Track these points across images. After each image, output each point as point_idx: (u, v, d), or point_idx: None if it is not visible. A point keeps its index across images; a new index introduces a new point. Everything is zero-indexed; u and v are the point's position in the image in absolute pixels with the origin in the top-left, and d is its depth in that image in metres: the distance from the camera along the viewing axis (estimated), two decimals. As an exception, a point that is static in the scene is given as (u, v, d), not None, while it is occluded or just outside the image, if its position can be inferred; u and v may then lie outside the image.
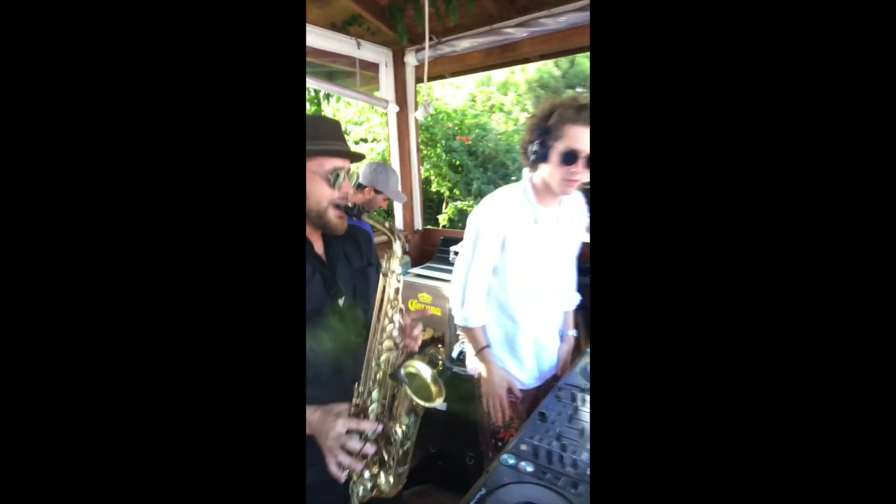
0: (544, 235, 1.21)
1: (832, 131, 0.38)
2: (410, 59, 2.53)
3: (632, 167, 0.43)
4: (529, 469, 0.82)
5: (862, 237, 0.37)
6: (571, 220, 1.29)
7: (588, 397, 1.05)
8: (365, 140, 4.50)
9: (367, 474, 0.78)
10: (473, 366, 1.33)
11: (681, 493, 0.40)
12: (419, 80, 2.63)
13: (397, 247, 0.81)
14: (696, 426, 0.40)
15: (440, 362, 0.75)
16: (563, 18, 1.95)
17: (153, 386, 0.43)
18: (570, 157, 1.06)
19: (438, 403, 0.74)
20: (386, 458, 0.79)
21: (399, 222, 2.83)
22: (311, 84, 2.68)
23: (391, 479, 0.80)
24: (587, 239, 1.38)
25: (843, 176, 0.37)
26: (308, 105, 3.45)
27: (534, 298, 1.26)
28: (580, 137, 1.05)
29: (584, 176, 1.08)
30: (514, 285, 1.24)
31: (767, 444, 0.38)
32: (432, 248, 2.71)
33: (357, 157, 0.90)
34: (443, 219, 4.48)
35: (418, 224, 2.87)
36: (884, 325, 0.36)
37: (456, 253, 2.15)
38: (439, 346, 0.82)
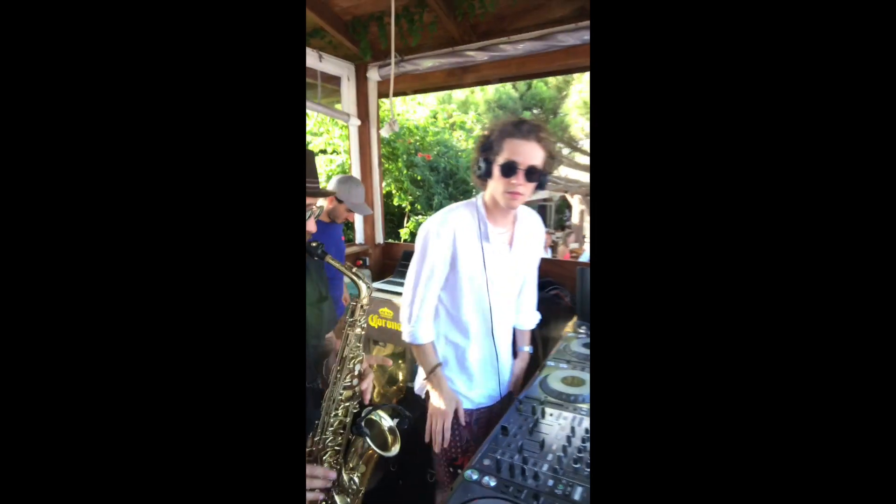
0: (496, 252, 1.22)
1: (833, 131, 0.38)
2: (373, 75, 2.55)
3: (631, 168, 0.43)
4: (492, 483, 0.83)
5: (862, 237, 0.37)
6: (528, 238, 1.31)
7: (546, 409, 1.08)
8: (325, 151, 4.44)
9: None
10: (420, 385, 1.31)
11: (680, 493, 0.40)
12: (381, 95, 2.66)
13: (364, 294, 0.80)
14: (696, 427, 0.40)
15: (404, 415, 0.78)
16: (521, 46, 2.04)
17: (153, 386, 0.43)
18: (508, 169, 1.08)
19: (394, 452, 0.76)
20: (342, 488, 0.78)
21: (360, 236, 2.81)
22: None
23: (347, 501, 0.79)
24: (546, 255, 1.42)
25: (843, 176, 0.37)
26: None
27: (484, 315, 1.26)
28: (518, 150, 1.08)
29: (525, 189, 1.10)
30: (465, 301, 1.24)
31: (766, 447, 0.38)
32: (393, 263, 2.71)
33: (325, 194, 0.87)
34: (404, 233, 4.48)
35: (380, 238, 2.85)
36: (883, 325, 0.36)
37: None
38: (399, 361, 0.83)
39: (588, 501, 0.77)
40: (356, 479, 0.78)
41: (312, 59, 2.34)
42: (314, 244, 0.83)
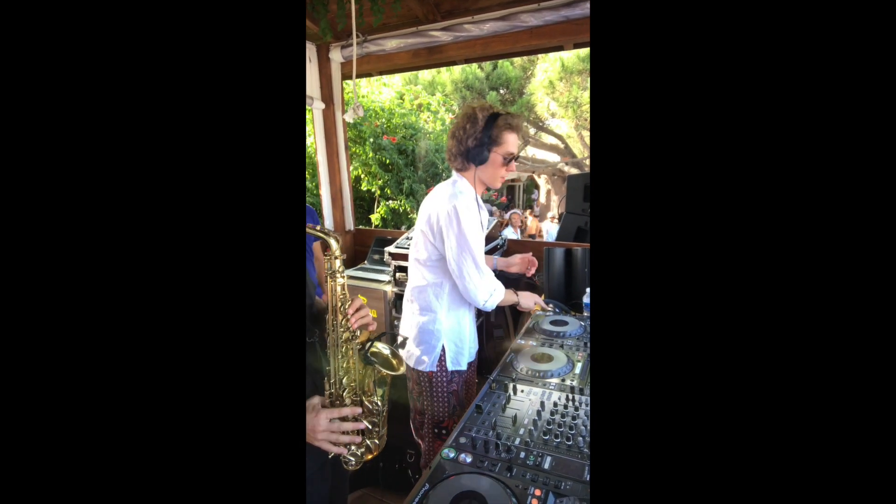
0: (486, 225, 1.44)
1: (833, 130, 0.38)
2: (336, 56, 2.47)
3: (631, 168, 0.43)
4: (468, 460, 0.87)
5: (861, 237, 0.37)
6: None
7: (518, 386, 1.13)
8: (288, 137, 4.29)
9: (353, 447, 0.88)
10: (527, 304, 1.52)
11: (679, 492, 0.40)
12: (345, 76, 2.58)
13: (335, 246, 0.86)
14: (696, 426, 0.41)
15: (397, 338, 0.93)
16: (486, 26, 2.03)
17: (154, 386, 0.43)
18: (509, 160, 1.35)
19: (401, 372, 0.92)
20: (370, 427, 0.89)
21: (329, 223, 2.76)
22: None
23: (376, 441, 0.92)
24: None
25: (843, 176, 0.37)
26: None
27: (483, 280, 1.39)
28: (514, 142, 1.33)
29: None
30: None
31: (765, 447, 0.39)
32: (365, 249, 2.69)
33: None
34: (375, 218, 4.43)
35: (350, 224, 2.82)
36: (883, 326, 0.36)
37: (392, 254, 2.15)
38: (383, 338, 0.90)
39: (555, 469, 0.82)
40: (377, 401, 0.90)
41: (270, 40, 2.25)
42: None
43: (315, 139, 2.69)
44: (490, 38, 2.08)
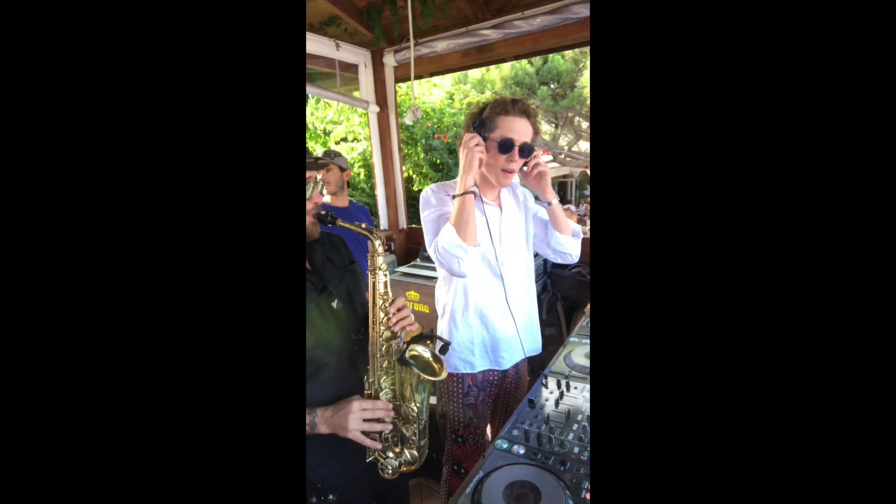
0: (492, 217, 1.23)
1: (834, 129, 0.38)
2: (389, 60, 2.56)
3: (631, 167, 0.43)
4: (521, 451, 0.88)
5: (861, 237, 0.37)
6: (514, 200, 1.31)
7: (571, 383, 1.12)
8: (345, 139, 4.49)
9: (391, 454, 0.88)
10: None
11: (679, 491, 0.40)
12: (398, 80, 2.67)
13: (378, 244, 0.88)
14: (696, 424, 0.41)
15: (438, 341, 0.87)
16: (537, 21, 2.01)
17: (154, 386, 0.43)
18: (505, 146, 1.11)
19: (443, 377, 0.86)
20: (407, 434, 0.89)
21: (384, 222, 2.87)
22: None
23: (415, 453, 0.90)
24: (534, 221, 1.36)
25: (843, 175, 0.37)
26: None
27: (483, 286, 1.25)
28: (514, 128, 1.10)
29: (517, 165, 1.13)
30: (474, 272, 1.23)
31: (765, 446, 0.39)
32: (417, 247, 2.76)
33: (321, 166, 0.93)
34: (425, 217, 4.51)
35: (403, 223, 2.90)
36: (882, 326, 0.36)
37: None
38: (427, 342, 0.88)
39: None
40: (414, 409, 0.89)
41: (329, 49, 2.37)
42: (323, 212, 0.89)
43: (371, 142, 2.80)
44: (540, 32, 2.06)
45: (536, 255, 2.11)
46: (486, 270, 1.25)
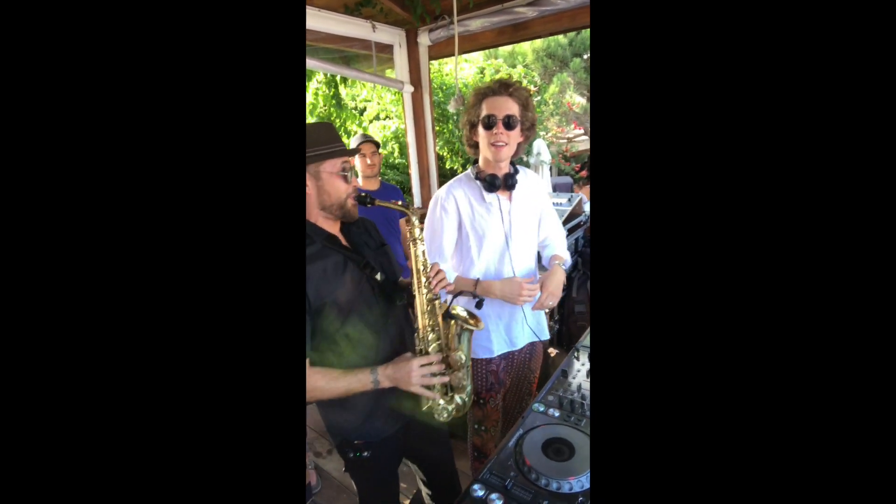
0: (499, 209, 1.32)
1: (830, 123, 0.38)
2: (423, 39, 2.58)
3: (631, 166, 0.44)
4: (556, 414, 0.98)
5: (861, 237, 0.37)
6: (526, 190, 1.37)
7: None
8: (378, 117, 4.56)
9: (442, 402, 1.01)
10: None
11: (678, 490, 0.41)
12: (431, 58, 2.69)
13: (415, 218, 1.01)
14: (695, 423, 0.41)
15: (474, 298, 1.05)
16: (575, -3, 1.99)
17: (153, 384, 0.43)
18: (489, 122, 1.24)
19: (480, 328, 1.04)
20: (455, 382, 1.03)
21: (417, 200, 2.95)
22: (330, 69, 2.74)
23: (464, 397, 1.05)
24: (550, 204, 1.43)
25: (843, 175, 0.38)
26: (326, 87, 3.51)
27: (493, 270, 1.35)
28: (495, 105, 1.23)
29: (507, 137, 1.24)
30: (480, 258, 1.34)
31: (766, 446, 0.39)
32: (450, 225, 2.84)
33: (354, 152, 1.03)
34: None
35: (435, 201, 2.98)
36: (881, 326, 0.36)
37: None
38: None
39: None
40: (461, 356, 1.03)
41: (366, 30, 2.42)
42: (363, 194, 1.01)
43: (404, 120, 2.86)
44: (578, 9, 2.04)
45: (570, 234, 2.14)
46: (497, 258, 1.34)
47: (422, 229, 1.01)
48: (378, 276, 1.01)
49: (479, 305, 1.03)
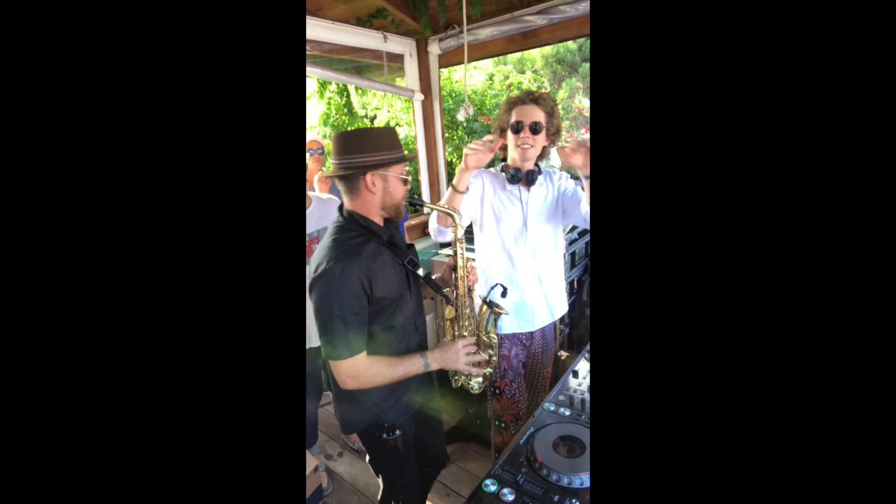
0: (514, 198, 1.47)
1: (829, 123, 0.38)
2: (434, 49, 2.64)
3: (631, 165, 0.44)
4: (567, 413, 1.00)
5: (861, 237, 0.37)
6: (545, 180, 1.50)
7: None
8: (388, 125, 4.62)
9: (480, 378, 1.19)
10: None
11: (678, 490, 0.42)
12: (442, 66, 2.74)
13: (457, 219, 1.13)
14: (695, 423, 0.42)
15: (500, 287, 1.18)
16: (583, 5, 2.02)
17: (153, 382, 0.44)
18: (517, 127, 1.43)
19: (506, 312, 1.18)
20: (489, 357, 1.18)
21: (428, 206, 2.99)
22: (343, 79, 2.80)
23: (490, 370, 1.20)
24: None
25: (843, 175, 0.38)
26: (339, 97, 3.58)
27: (510, 250, 1.48)
28: (522, 112, 1.42)
29: (532, 140, 1.41)
30: (501, 237, 1.48)
31: (766, 446, 0.39)
32: (460, 230, 2.87)
33: (410, 159, 1.12)
34: (466, 200, 4.59)
35: (446, 207, 3.01)
36: (881, 326, 0.36)
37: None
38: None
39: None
40: (493, 337, 1.17)
41: (377, 41, 2.48)
42: (416, 197, 1.16)
43: (414, 128, 2.91)
44: (586, 17, 2.07)
45: (579, 238, 2.16)
46: (513, 243, 1.47)
47: (465, 231, 1.15)
48: (420, 271, 1.11)
49: (504, 294, 1.19)
